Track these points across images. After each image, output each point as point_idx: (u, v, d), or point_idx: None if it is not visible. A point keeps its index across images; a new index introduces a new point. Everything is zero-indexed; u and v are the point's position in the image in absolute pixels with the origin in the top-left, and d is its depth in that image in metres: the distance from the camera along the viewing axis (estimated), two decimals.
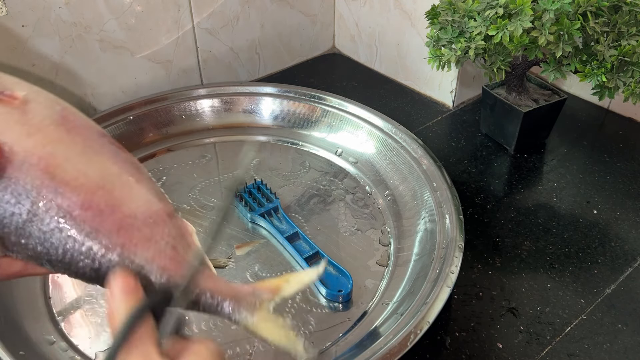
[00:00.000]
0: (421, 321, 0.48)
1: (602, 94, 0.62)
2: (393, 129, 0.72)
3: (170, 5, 0.78)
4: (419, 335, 0.47)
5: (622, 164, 0.75)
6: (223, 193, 0.69)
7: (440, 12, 0.67)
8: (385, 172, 0.70)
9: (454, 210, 0.59)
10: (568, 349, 0.52)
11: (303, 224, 0.65)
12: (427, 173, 0.65)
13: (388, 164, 0.71)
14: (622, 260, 0.61)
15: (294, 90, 0.79)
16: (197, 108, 0.79)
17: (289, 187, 0.70)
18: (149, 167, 0.73)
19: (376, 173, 0.71)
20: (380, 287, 0.57)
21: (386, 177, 0.70)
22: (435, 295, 0.50)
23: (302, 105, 0.78)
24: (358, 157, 0.73)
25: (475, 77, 0.85)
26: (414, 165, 0.67)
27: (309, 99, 0.78)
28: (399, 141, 0.70)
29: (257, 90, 0.80)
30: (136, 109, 0.76)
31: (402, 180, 0.68)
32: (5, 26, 0.66)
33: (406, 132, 0.71)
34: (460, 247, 0.55)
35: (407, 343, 0.46)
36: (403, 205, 0.66)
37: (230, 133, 0.79)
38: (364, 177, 0.71)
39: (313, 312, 0.54)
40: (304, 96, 0.79)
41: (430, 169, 0.65)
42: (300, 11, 0.94)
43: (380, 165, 0.71)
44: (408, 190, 0.67)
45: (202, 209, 0.66)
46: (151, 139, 0.76)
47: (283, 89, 0.80)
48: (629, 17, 0.60)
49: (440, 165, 0.65)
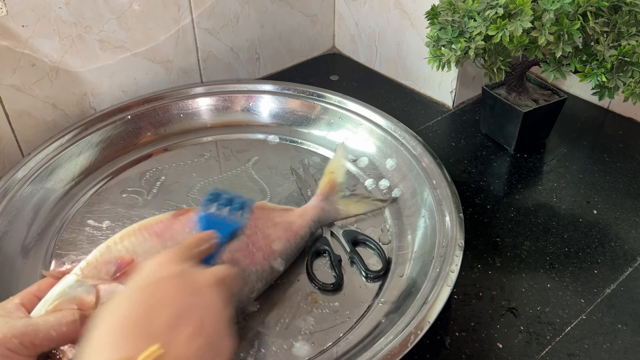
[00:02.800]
0: (422, 321, 0.48)
1: (602, 94, 0.62)
2: (392, 126, 0.72)
3: (170, 5, 0.78)
4: (419, 335, 0.47)
5: (622, 164, 0.75)
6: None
7: (440, 12, 0.67)
8: (385, 169, 0.70)
9: (454, 208, 0.59)
10: (568, 349, 0.52)
11: None
12: (427, 170, 0.65)
13: (387, 161, 0.70)
14: (622, 260, 0.61)
15: (293, 87, 0.79)
16: (195, 106, 0.79)
17: (288, 185, 0.70)
18: (147, 166, 0.73)
19: (375, 170, 0.71)
20: (381, 286, 0.57)
21: (385, 175, 0.70)
22: (436, 295, 0.50)
23: (301, 103, 0.78)
24: (357, 154, 0.73)
25: (475, 77, 0.85)
26: (413, 162, 0.67)
27: (308, 96, 0.78)
28: (399, 138, 0.70)
29: (256, 88, 0.80)
30: (134, 108, 0.76)
31: (401, 177, 0.68)
32: (5, 26, 0.66)
33: (406, 130, 0.71)
34: (461, 246, 0.54)
35: (407, 343, 0.46)
36: (403, 202, 0.66)
37: (229, 131, 0.78)
38: (363, 175, 0.71)
39: (313, 312, 0.54)
40: (303, 94, 0.79)
41: (430, 166, 0.65)
42: (300, 11, 0.94)
43: (380, 163, 0.71)
44: (408, 188, 0.66)
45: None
46: (149, 139, 0.76)
47: (282, 87, 0.80)
48: (629, 17, 0.60)
49: (440, 163, 0.65)
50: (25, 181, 0.64)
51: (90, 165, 0.71)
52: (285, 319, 0.54)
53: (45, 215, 0.64)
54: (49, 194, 0.66)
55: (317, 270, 0.58)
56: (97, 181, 0.70)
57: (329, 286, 0.56)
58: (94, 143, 0.72)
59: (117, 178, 0.71)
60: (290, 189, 0.69)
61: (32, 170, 0.66)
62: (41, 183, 0.66)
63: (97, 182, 0.70)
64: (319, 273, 0.58)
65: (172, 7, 0.79)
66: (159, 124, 0.77)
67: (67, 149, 0.69)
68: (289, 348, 0.51)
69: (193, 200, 0.67)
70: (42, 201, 0.65)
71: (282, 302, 0.55)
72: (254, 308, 0.54)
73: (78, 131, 0.72)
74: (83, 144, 0.71)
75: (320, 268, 0.59)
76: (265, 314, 0.54)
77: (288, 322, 0.53)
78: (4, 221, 0.60)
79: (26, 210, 0.63)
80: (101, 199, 0.68)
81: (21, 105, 0.72)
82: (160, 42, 0.80)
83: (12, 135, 0.72)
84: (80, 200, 0.67)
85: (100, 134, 0.73)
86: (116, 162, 0.73)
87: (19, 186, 0.64)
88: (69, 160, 0.69)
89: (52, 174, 0.67)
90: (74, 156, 0.70)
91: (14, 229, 0.61)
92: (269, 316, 0.54)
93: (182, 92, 0.79)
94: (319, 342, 0.51)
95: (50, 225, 0.64)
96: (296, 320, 0.54)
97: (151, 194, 0.68)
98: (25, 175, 0.65)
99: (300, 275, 0.58)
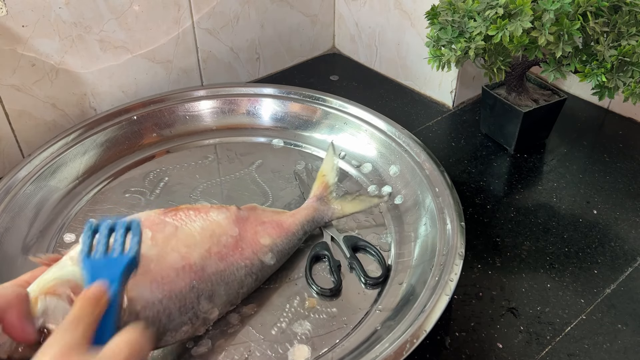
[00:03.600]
0: (418, 329, 0.47)
1: (602, 94, 0.62)
2: (397, 132, 0.71)
3: (170, 5, 0.79)
4: (415, 344, 0.46)
5: (622, 164, 0.75)
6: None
7: (440, 12, 0.67)
8: (388, 176, 0.70)
9: (455, 216, 0.58)
10: (568, 349, 0.52)
11: None
12: (430, 178, 0.64)
13: (391, 167, 0.70)
14: (622, 260, 0.61)
15: (296, 91, 0.79)
16: (198, 109, 0.79)
17: (291, 190, 0.70)
18: (151, 167, 0.73)
19: (378, 176, 0.71)
20: (380, 294, 0.57)
21: (389, 181, 0.69)
22: (434, 304, 0.49)
23: (303, 107, 0.78)
24: (360, 159, 0.73)
25: (475, 77, 0.85)
26: (416, 169, 0.66)
27: (312, 100, 0.78)
28: (403, 145, 0.70)
29: (259, 92, 0.80)
30: (139, 109, 0.76)
31: (404, 184, 0.67)
32: (5, 26, 0.66)
33: (409, 136, 0.70)
34: (461, 255, 0.54)
35: (402, 352, 0.46)
36: (405, 210, 0.65)
37: (232, 134, 0.78)
38: (366, 181, 0.71)
39: (310, 317, 0.54)
40: (306, 98, 0.78)
41: (433, 173, 0.64)
42: (300, 11, 0.94)
43: (383, 169, 0.71)
44: (410, 195, 0.66)
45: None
46: (153, 140, 0.76)
47: (285, 90, 0.79)
48: (629, 17, 0.60)
49: (443, 170, 0.64)
50: (28, 179, 0.65)
51: (94, 164, 0.72)
52: (282, 322, 0.54)
53: (47, 213, 0.65)
54: (51, 193, 0.66)
55: (316, 275, 0.58)
56: (100, 180, 0.70)
57: (327, 291, 0.56)
58: (98, 143, 0.72)
59: (120, 178, 0.71)
60: (293, 193, 0.69)
61: (36, 168, 0.66)
62: (44, 181, 0.66)
63: (101, 181, 0.70)
64: (317, 278, 0.58)
65: (172, 7, 0.79)
66: (162, 127, 0.77)
67: (72, 147, 0.70)
68: (284, 352, 0.51)
69: (195, 202, 0.67)
70: (44, 199, 0.65)
71: (279, 305, 0.55)
72: (251, 311, 0.54)
73: (83, 130, 0.72)
74: (88, 143, 0.71)
75: (320, 273, 0.59)
76: (262, 317, 0.54)
77: (284, 327, 0.53)
78: (6, 218, 0.60)
79: (28, 208, 0.63)
80: (104, 199, 0.68)
81: (21, 105, 0.72)
82: (160, 42, 0.80)
83: (12, 135, 0.72)
84: (83, 199, 0.68)
85: (105, 134, 0.73)
86: (120, 162, 0.73)
87: (22, 184, 0.64)
88: (73, 159, 0.70)
89: (56, 172, 0.68)
90: (79, 155, 0.70)
91: (15, 226, 0.61)
92: (265, 319, 0.54)
93: (185, 94, 0.79)
94: (314, 347, 0.51)
95: (52, 223, 0.64)
96: (293, 324, 0.53)
97: (154, 194, 0.69)
98: (29, 173, 0.65)
99: (298, 279, 0.58)
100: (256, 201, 0.66)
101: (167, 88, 0.84)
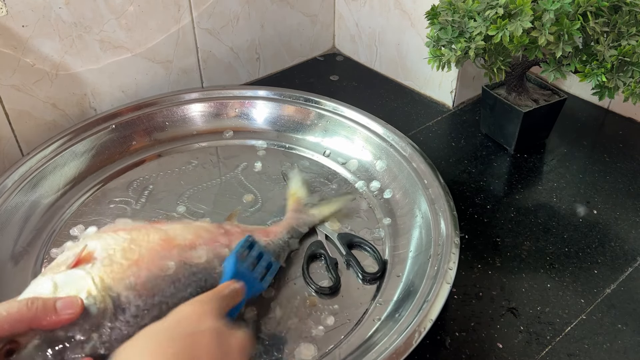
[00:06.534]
0: (424, 319, 0.48)
1: (602, 94, 0.62)
2: (381, 128, 0.72)
3: (170, 5, 0.79)
4: (422, 333, 0.47)
5: (622, 164, 0.75)
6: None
7: (440, 12, 0.67)
8: (375, 171, 0.70)
9: (447, 207, 0.59)
10: (568, 349, 0.52)
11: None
12: (418, 171, 0.65)
13: (377, 163, 0.70)
14: (622, 260, 0.61)
15: (284, 93, 0.79)
16: (188, 113, 0.78)
17: (279, 191, 0.69)
18: (134, 175, 0.72)
19: (366, 172, 0.71)
20: (379, 287, 0.57)
21: (376, 176, 0.70)
22: (436, 293, 0.50)
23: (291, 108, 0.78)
24: (346, 157, 0.73)
25: (475, 77, 0.85)
26: (403, 163, 0.67)
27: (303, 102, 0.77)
28: (388, 140, 0.70)
29: (249, 94, 0.80)
30: (123, 115, 0.75)
31: (392, 178, 0.68)
32: (5, 26, 0.66)
33: (394, 131, 0.71)
34: (456, 243, 0.55)
35: (412, 341, 0.46)
36: (395, 203, 0.66)
37: (218, 138, 0.78)
38: (354, 177, 0.71)
39: (313, 316, 0.54)
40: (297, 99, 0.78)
41: (420, 167, 0.65)
42: (300, 11, 0.94)
43: (370, 165, 0.71)
44: (399, 189, 0.67)
45: (191, 216, 0.65)
46: (140, 145, 0.75)
47: (274, 92, 0.79)
48: (629, 17, 0.60)
49: (431, 163, 0.65)
50: (10, 193, 0.63)
51: (77, 175, 0.70)
52: (284, 323, 0.54)
53: (31, 227, 0.63)
54: (35, 206, 0.65)
55: (314, 274, 0.58)
56: (83, 192, 0.69)
57: (326, 289, 0.56)
58: (79, 153, 0.71)
59: (103, 188, 0.70)
60: (281, 194, 0.68)
61: (17, 182, 0.64)
62: (26, 195, 0.64)
63: (84, 192, 0.69)
64: (315, 276, 0.58)
65: (172, 7, 0.79)
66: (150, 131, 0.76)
67: (51, 160, 0.68)
68: (290, 352, 0.51)
69: (183, 209, 0.66)
70: (29, 213, 0.64)
71: (280, 306, 0.55)
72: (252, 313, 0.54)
73: (63, 141, 0.70)
74: (68, 154, 0.70)
75: (317, 271, 0.59)
76: (264, 319, 0.54)
77: (288, 327, 0.53)
78: None
79: (13, 222, 0.62)
80: (88, 211, 0.66)
81: (21, 105, 0.72)
82: (161, 42, 0.80)
83: (12, 135, 0.72)
84: (67, 212, 0.66)
85: (85, 144, 0.71)
86: (103, 171, 0.72)
87: (4, 197, 0.62)
88: (53, 171, 0.68)
89: (37, 185, 0.66)
90: (59, 167, 0.69)
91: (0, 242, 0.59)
92: (267, 321, 0.54)
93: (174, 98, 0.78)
94: (320, 345, 0.51)
95: (38, 237, 0.62)
96: (296, 324, 0.53)
97: (139, 203, 0.68)
98: (11, 186, 0.64)
99: (297, 279, 0.58)
100: (244, 205, 0.67)
101: (167, 88, 0.84)
